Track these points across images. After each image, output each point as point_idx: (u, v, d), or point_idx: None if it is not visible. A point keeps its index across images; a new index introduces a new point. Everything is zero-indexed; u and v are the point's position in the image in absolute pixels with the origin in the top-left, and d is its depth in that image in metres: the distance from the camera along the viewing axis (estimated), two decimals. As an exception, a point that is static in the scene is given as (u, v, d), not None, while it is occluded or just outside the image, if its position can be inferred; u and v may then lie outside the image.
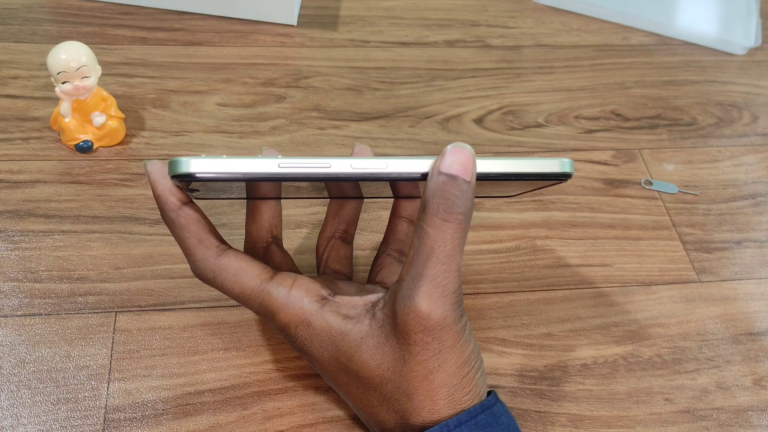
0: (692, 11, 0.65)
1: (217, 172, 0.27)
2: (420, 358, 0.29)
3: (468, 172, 0.27)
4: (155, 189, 0.30)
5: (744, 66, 0.62)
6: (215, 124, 0.50)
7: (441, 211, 0.27)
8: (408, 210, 0.37)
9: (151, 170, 0.30)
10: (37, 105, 0.49)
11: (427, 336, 0.28)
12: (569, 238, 0.46)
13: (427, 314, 0.28)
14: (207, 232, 0.31)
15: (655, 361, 0.41)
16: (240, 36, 0.57)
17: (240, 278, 0.31)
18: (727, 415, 0.39)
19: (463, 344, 0.29)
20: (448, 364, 0.29)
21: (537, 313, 0.42)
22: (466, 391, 0.30)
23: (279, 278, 0.31)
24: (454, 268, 0.28)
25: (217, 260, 0.31)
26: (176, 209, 0.30)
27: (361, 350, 0.30)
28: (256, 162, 0.27)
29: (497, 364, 0.39)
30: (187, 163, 0.27)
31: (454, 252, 0.28)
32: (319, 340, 0.30)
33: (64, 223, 0.43)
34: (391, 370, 0.30)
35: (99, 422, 0.35)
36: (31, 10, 0.56)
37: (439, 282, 0.28)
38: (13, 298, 0.39)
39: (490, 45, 0.60)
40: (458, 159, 0.27)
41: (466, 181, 0.27)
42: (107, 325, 0.38)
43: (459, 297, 0.29)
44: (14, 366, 0.36)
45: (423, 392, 0.29)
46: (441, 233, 0.27)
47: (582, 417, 0.38)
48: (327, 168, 0.27)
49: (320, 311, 0.30)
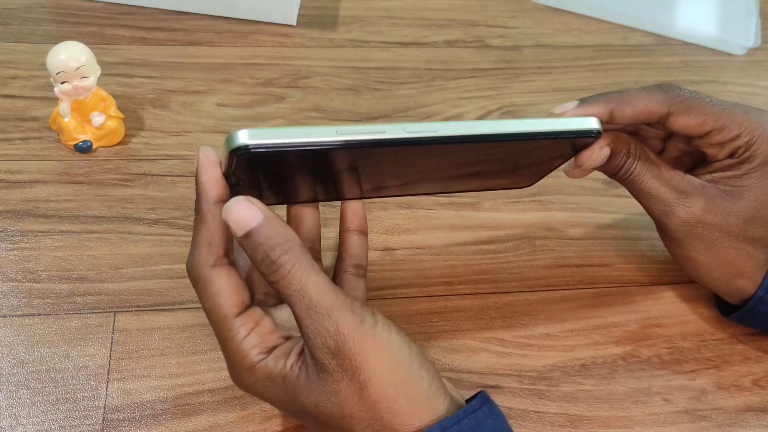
0: (692, 11, 0.65)
1: (274, 143, 0.27)
2: (344, 381, 0.28)
3: (238, 228, 0.28)
4: (200, 176, 0.29)
5: (743, 66, 0.62)
6: (215, 124, 0.50)
7: (266, 273, 0.28)
8: (355, 222, 0.36)
9: (202, 156, 0.29)
10: (36, 105, 0.49)
11: (339, 358, 0.28)
12: (569, 238, 0.46)
13: (324, 342, 0.28)
14: (221, 239, 0.30)
15: (654, 361, 0.41)
16: (239, 36, 0.57)
17: (215, 299, 0.30)
18: (726, 416, 0.39)
19: (382, 349, 0.28)
20: (373, 373, 0.28)
21: (536, 313, 0.42)
22: (420, 397, 0.29)
23: (245, 317, 0.30)
24: (313, 293, 0.28)
25: (209, 270, 0.30)
26: (211, 203, 0.29)
27: (301, 392, 0.29)
28: (314, 130, 0.28)
29: (496, 365, 0.39)
30: (243, 135, 0.27)
31: (303, 278, 0.28)
32: (263, 386, 0.30)
33: (63, 223, 0.43)
34: (331, 406, 0.29)
35: (98, 422, 0.35)
36: (30, 10, 0.56)
37: (314, 311, 0.28)
38: (11, 298, 0.39)
39: (489, 45, 0.60)
40: (231, 219, 0.28)
41: (239, 237, 0.28)
42: (106, 325, 0.38)
43: (345, 308, 0.28)
44: (13, 366, 0.36)
45: (368, 413, 0.29)
46: (281, 283, 0.28)
47: (581, 417, 0.38)
48: (382, 134, 0.28)
49: (264, 361, 0.30)
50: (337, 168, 0.32)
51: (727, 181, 0.37)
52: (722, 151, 0.37)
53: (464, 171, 0.35)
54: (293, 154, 0.28)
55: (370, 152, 0.30)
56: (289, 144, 0.28)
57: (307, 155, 0.29)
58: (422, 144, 0.29)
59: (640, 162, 0.37)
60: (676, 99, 0.35)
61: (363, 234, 0.36)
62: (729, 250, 0.37)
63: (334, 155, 0.30)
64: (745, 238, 0.37)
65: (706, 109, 0.36)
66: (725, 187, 0.37)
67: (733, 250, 0.37)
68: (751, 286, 0.38)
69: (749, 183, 0.36)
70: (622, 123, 0.36)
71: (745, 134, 0.36)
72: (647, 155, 0.37)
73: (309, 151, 0.28)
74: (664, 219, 0.37)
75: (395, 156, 0.31)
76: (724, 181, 0.37)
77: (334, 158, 0.30)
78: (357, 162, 0.31)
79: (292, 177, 0.32)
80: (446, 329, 0.41)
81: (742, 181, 0.36)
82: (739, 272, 0.38)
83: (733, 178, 0.37)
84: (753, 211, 0.37)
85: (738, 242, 0.37)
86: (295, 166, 0.31)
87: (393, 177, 0.34)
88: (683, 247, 0.38)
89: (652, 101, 0.35)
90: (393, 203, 0.47)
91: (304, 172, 0.32)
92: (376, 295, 0.42)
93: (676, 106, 0.35)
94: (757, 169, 0.36)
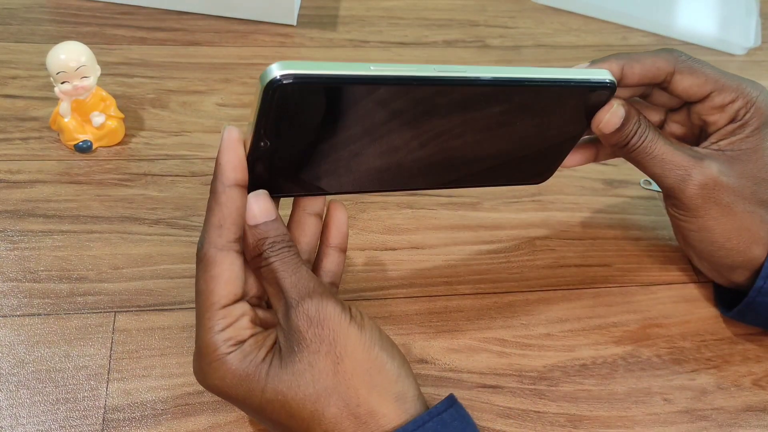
0: (691, 11, 0.65)
1: (308, 74, 0.28)
2: (321, 351, 0.29)
3: (253, 219, 0.31)
4: (220, 155, 0.30)
5: (743, 66, 0.62)
6: (214, 124, 0.50)
7: (265, 257, 0.31)
8: (337, 239, 0.35)
9: (226, 136, 0.30)
10: (36, 105, 0.49)
11: (317, 327, 0.29)
12: (568, 238, 0.46)
13: (306, 308, 0.29)
14: (233, 223, 0.30)
15: (654, 361, 0.41)
16: (239, 36, 0.57)
17: (210, 282, 0.30)
18: (726, 416, 0.39)
19: (356, 328, 0.30)
20: (349, 347, 0.29)
21: (536, 313, 0.42)
22: (392, 374, 0.30)
23: (228, 310, 0.30)
24: (304, 273, 0.30)
25: (215, 251, 0.30)
26: (227, 185, 0.30)
27: (270, 381, 0.29)
28: (348, 65, 0.29)
29: (496, 364, 0.39)
30: (275, 67, 0.28)
31: (295, 265, 0.31)
32: (229, 381, 0.30)
33: (64, 223, 0.43)
34: (304, 385, 0.29)
35: (98, 422, 0.35)
36: (30, 10, 0.56)
37: (302, 285, 0.30)
38: (12, 298, 0.39)
39: (489, 45, 0.61)
40: (249, 209, 0.31)
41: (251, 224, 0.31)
42: (106, 325, 0.38)
43: (327, 289, 0.31)
44: (13, 366, 0.36)
45: (344, 388, 0.29)
46: (276, 264, 0.30)
47: (581, 417, 0.38)
48: (415, 72, 0.30)
49: (233, 354, 0.30)
50: (366, 124, 0.32)
51: (733, 146, 0.38)
52: (723, 116, 0.38)
53: (486, 139, 0.35)
54: (325, 94, 0.29)
55: (401, 95, 0.31)
56: (323, 75, 0.28)
57: (340, 94, 0.29)
58: (452, 84, 0.31)
59: (652, 129, 0.38)
60: (680, 59, 0.37)
61: (343, 252, 0.36)
62: (744, 214, 0.38)
63: (366, 100, 0.30)
64: (757, 201, 0.38)
65: (706, 71, 0.38)
66: (732, 153, 0.38)
67: (748, 215, 0.38)
68: (765, 253, 0.39)
69: (755, 144, 0.38)
70: (632, 81, 0.37)
71: (743, 96, 0.37)
72: (655, 126, 0.38)
73: (342, 86, 0.29)
74: (681, 185, 0.37)
75: (423, 110, 0.32)
76: (729, 147, 0.38)
77: (365, 104, 0.31)
78: (386, 120, 0.32)
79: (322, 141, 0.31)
80: (446, 329, 0.41)
81: (748, 144, 0.38)
82: (756, 238, 0.38)
83: (738, 141, 0.38)
84: (763, 173, 0.38)
85: (752, 206, 0.38)
86: (327, 118, 0.30)
87: (419, 148, 0.34)
88: (701, 216, 0.38)
89: (659, 59, 0.37)
90: (393, 203, 0.47)
91: (335, 132, 0.31)
92: (376, 294, 0.42)
93: (680, 65, 0.37)
94: (760, 130, 0.38)
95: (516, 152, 0.37)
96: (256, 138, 0.29)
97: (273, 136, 0.30)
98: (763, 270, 0.38)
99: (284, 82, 0.27)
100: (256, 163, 0.30)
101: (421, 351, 0.39)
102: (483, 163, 0.37)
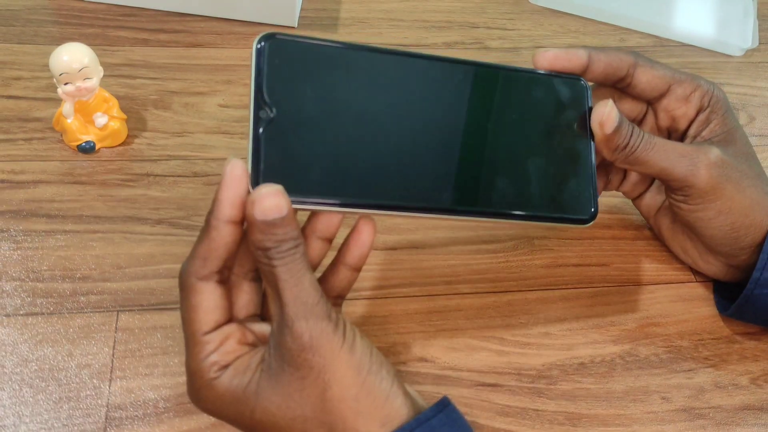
0: (689, 13, 0.65)
1: (294, 35, 0.30)
2: (310, 377, 0.29)
3: (263, 215, 0.28)
4: (219, 191, 0.29)
5: (741, 67, 0.62)
6: (216, 125, 0.50)
7: (271, 257, 0.29)
8: (358, 260, 0.34)
9: (229, 171, 0.29)
10: (39, 106, 0.49)
11: (308, 353, 0.29)
12: (567, 238, 0.47)
13: (300, 332, 0.28)
14: (218, 257, 0.30)
15: (652, 360, 0.41)
16: (241, 38, 0.57)
17: (191, 312, 0.30)
18: (724, 414, 0.39)
19: (347, 351, 0.29)
20: (339, 374, 0.29)
21: (535, 312, 0.42)
22: (381, 397, 0.30)
23: (213, 335, 0.30)
24: (306, 285, 0.29)
25: (195, 281, 0.30)
26: (222, 220, 0.29)
27: (259, 401, 0.29)
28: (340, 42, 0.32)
29: (495, 363, 0.40)
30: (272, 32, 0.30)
31: (299, 274, 0.29)
32: (220, 403, 0.30)
33: (67, 223, 0.43)
34: (293, 406, 0.29)
35: (101, 420, 0.35)
36: (33, 12, 0.57)
37: (301, 301, 0.29)
38: (15, 297, 0.39)
39: (488, 47, 0.61)
40: (258, 206, 0.28)
41: (258, 221, 0.28)
42: (109, 324, 0.39)
43: (324, 307, 0.29)
44: (16, 365, 0.37)
45: (330, 415, 0.29)
46: (280, 269, 0.29)
47: (579, 415, 0.38)
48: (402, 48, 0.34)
49: (220, 378, 0.30)
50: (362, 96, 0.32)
51: (713, 132, 0.40)
52: (690, 106, 0.40)
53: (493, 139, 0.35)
54: (316, 61, 0.30)
55: (389, 71, 0.33)
56: (308, 37, 0.30)
57: (332, 62, 0.31)
58: (436, 60, 0.34)
59: (646, 130, 0.39)
60: (640, 55, 0.40)
61: (357, 271, 0.34)
62: (752, 188, 0.39)
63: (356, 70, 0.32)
64: (755, 175, 0.39)
65: (663, 66, 0.40)
66: (717, 138, 0.40)
67: (754, 189, 0.39)
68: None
69: (729, 127, 0.40)
70: (598, 69, 0.39)
71: (700, 87, 0.40)
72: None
73: (330, 51, 0.31)
74: (693, 170, 0.38)
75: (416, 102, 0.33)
76: (711, 134, 0.40)
77: (356, 75, 0.32)
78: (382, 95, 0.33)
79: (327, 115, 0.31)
80: (446, 328, 0.41)
81: (724, 127, 0.40)
82: (767, 210, 0.39)
83: (715, 127, 0.40)
84: (746, 149, 0.40)
85: (754, 180, 0.39)
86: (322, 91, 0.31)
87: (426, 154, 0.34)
88: (718, 198, 0.38)
89: (621, 52, 0.39)
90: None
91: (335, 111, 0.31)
92: (376, 294, 0.42)
93: (640, 59, 0.39)
94: (726, 115, 0.40)
95: (532, 162, 0.36)
96: (256, 106, 0.29)
97: (271, 101, 0.29)
98: (759, 261, 0.39)
99: (272, 38, 0.29)
100: (262, 146, 0.29)
101: (421, 349, 0.40)
102: (508, 176, 0.35)
